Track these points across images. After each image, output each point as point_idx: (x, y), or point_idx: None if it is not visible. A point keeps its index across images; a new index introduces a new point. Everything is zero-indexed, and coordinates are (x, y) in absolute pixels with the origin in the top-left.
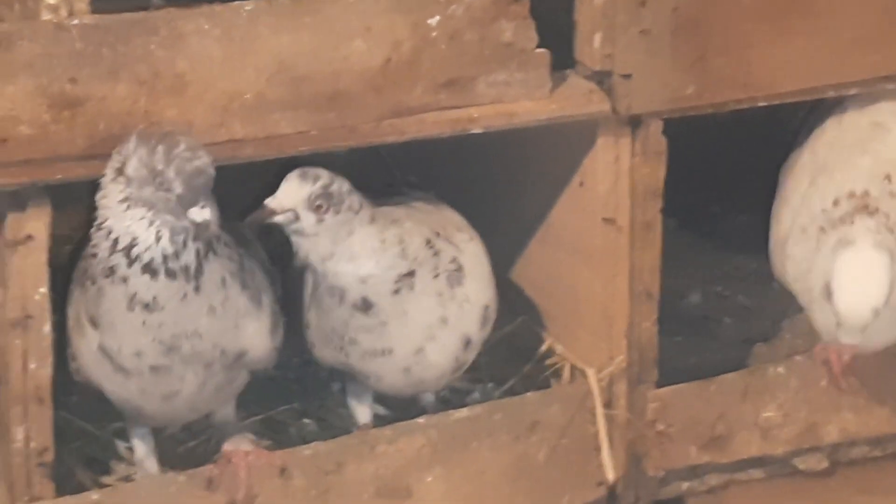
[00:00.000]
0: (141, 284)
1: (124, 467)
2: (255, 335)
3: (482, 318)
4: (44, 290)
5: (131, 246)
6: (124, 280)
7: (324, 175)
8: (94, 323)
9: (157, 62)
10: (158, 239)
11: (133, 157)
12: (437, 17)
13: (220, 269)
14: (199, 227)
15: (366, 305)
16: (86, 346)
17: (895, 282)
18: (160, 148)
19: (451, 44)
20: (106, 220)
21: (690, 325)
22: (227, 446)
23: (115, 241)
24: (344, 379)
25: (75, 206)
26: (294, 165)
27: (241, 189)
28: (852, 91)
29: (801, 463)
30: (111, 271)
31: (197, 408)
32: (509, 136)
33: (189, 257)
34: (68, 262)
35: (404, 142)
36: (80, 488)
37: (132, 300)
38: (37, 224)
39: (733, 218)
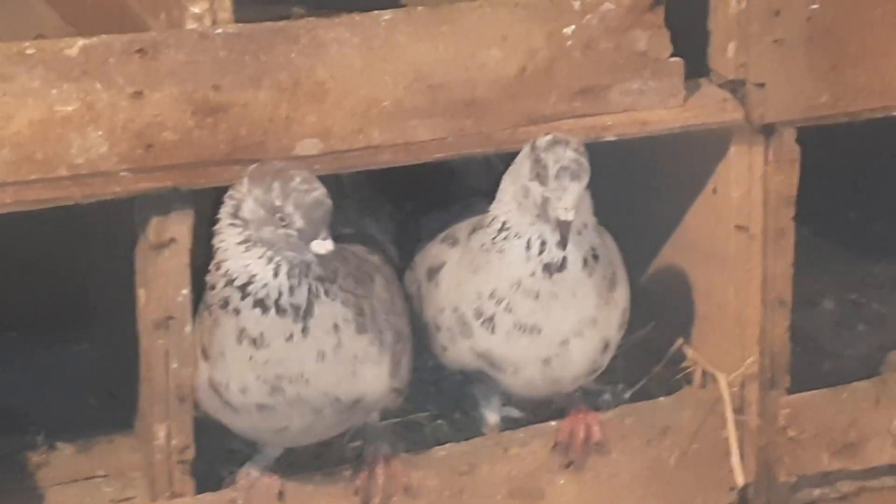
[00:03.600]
0: (251, 318)
1: None
2: (374, 380)
3: (621, 322)
4: (186, 291)
5: (248, 283)
6: (236, 312)
7: (582, 157)
8: (206, 354)
9: (298, 70)
10: (276, 274)
11: (248, 198)
12: (573, 27)
13: (332, 314)
14: (322, 259)
15: (560, 267)
16: (198, 378)
17: None
18: (276, 184)
19: (586, 52)
20: (224, 261)
21: (824, 331)
22: (369, 450)
23: (233, 279)
24: (473, 382)
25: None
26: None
27: None
28: None
29: None
30: (225, 302)
31: (317, 438)
32: (645, 143)
33: (301, 296)
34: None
35: None
36: (220, 485)
37: (241, 333)
38: (180, 228)
39: (869, 225)
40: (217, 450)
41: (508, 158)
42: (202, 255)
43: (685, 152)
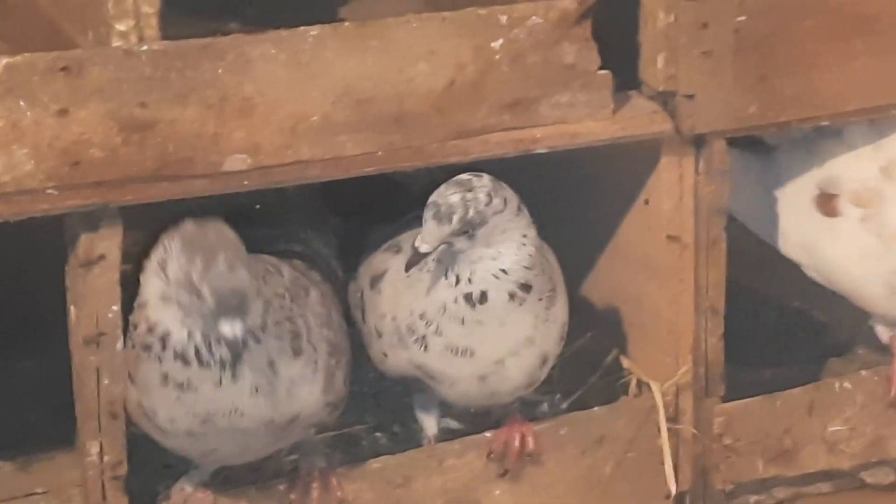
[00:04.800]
0: (174, 368)
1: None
2: (309, 397)
3: (560, 335)
4: (116, 307)
5: (165, 335)
6: (158, 360)
7: (458, 206)
8: (132, 380)
9: (225, 86)
10: (190, 336)
11: (174, 260)
12: (501, 40)
13: (264, 354)
14: (229, 343)
15: (481, 299)
16: (128, 397)
17: None
18: (198, 261)
19: (515, 66)
20: (145, 305)
21: (766, 340)
22: (304, 464)
23: (153, 327)
24: (412, 391)
25: (144, 226)
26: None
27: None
28: None
29: (868, 477)
30: (147, 347)
31: (251, 458)
32: (577, 155)
33: (223, 352)
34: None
35: (470, 162)
36: (155, 500)
37: (165, 378)
38: (109, 244)
39: None
40: (153, 465)
41: (452, 170)
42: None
43: (618, 164)
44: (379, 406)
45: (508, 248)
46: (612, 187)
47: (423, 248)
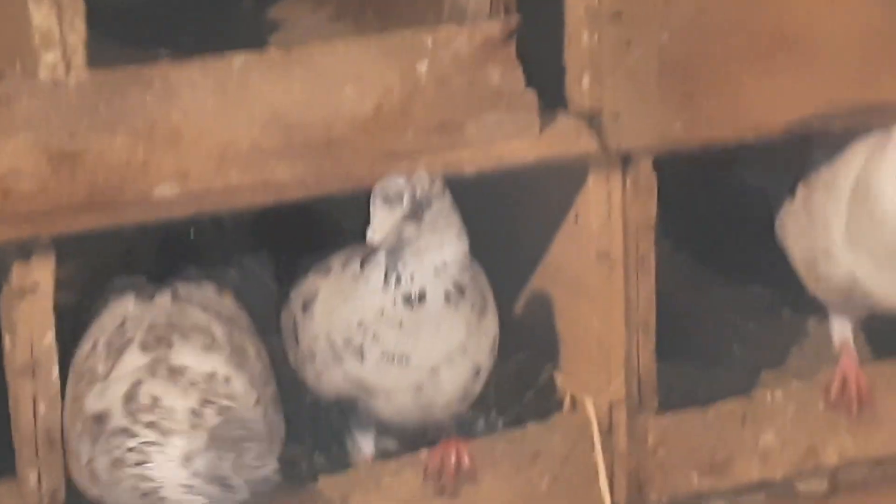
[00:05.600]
0: None
1: None
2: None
3: (492, 348)
4: (50, 336)
5: None
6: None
7: (406, 187)
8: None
9: (153, 114)
10: None
11: (202, 455)
12: (426, 63)
13: None
14: None
15: (419, 298)
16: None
17: None
18: (230, 456)
19: (440, 89)
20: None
21: (701, 354)
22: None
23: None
24: (348, 413)
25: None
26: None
27: None
28: (839, 124)
29: (801, 486)
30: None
31: None
32: (509, 175)
33: None
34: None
35: None
36: None
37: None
38: (42, 273)
39: (747, 249)
40: None
41: None
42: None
43: (547, 183)
44: (316, 428)
45: (451, 237)
46: (543, 206)
47: (376, 238)
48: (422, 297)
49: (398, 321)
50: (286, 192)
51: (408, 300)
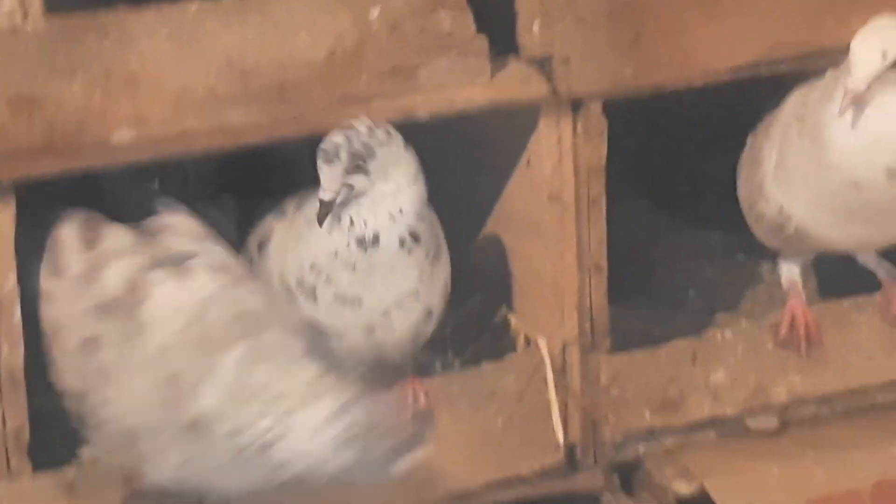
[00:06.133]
0: None
1: None
2: None
3: (444, 294)
4: (13, 278)
5: None
6: None
7: (342, 142)
8: None
9: (110, 61)
10: None
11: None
12: (378, 10)
13: None
14: None
15: (373, 242)
16: None
17: None
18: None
19: (393, 35)
20: None
21: (658, 297)
22: None
23: None
24: None
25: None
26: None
27: None
28: (786, 68)
29: (752, 423)
30: None
31: None
32: (463, 121)
33: None
34: None
35: None
36: (58, 464)
37: None
38: (2, 217)
39: (702, 196)
40: (58, 431)
41: None
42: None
43: (500, 128)
44: None
45: (405, 181)
46: (497, 151)
47: (326, 197)
48: (375, 240)
49: (351, 264)
50: (242, 137)
51: (361, 243)
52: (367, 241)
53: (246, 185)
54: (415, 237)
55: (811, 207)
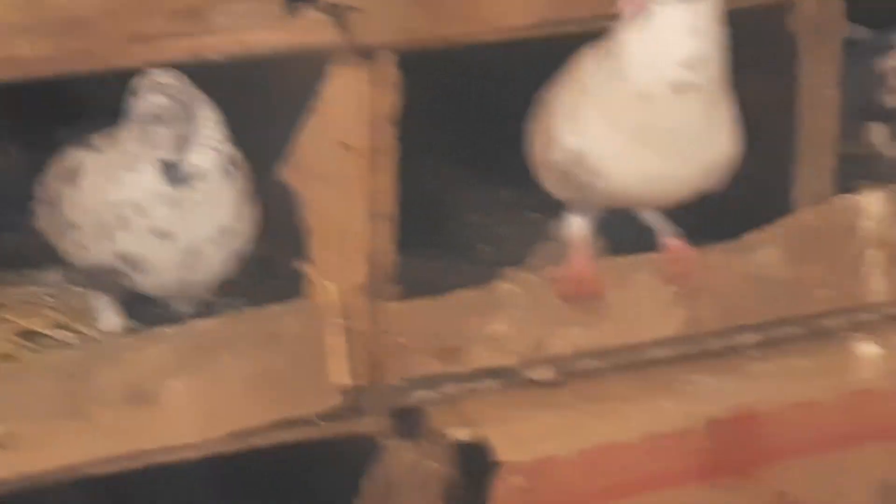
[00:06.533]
0: None
1: None
2: None
3: (253, 234)
4: None
5: None
6: None
7: (163, 100)
8: None
9: None
10: None
11: None
12: None
13: None
14: None
15: (188, 178)
16: None
17: None
18: None
19: None
20: None
21: (447, 249)
22: None
23: None
24: (100, 287)
25: None
26: None
27: None
28: (575, 28)
29: (532, 374)
30: None
31: None
32: (259, 66)
33: None
34: None
35: (146, 68)
36: None
37: None
38: None
39: (497, 152)
40: None
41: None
42: None
43: (294, 74)
44: (65, 306)
45: (213, 116)
46: (291, 98)
47: (169, 157)
48: (190, 177)
49: (166, 200)
50: (31, 69)
51: (176, 179)
52: (181, 177)
53: (35, 111)
54: (227, 174)
55: (603, 132)
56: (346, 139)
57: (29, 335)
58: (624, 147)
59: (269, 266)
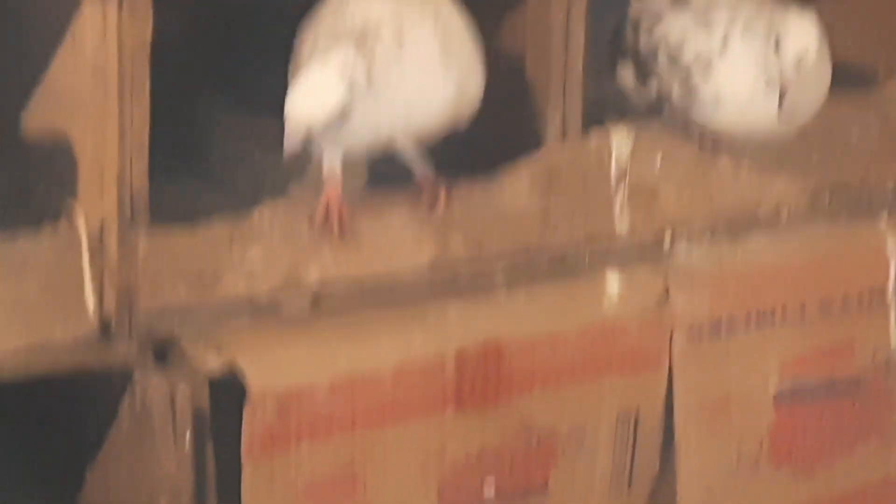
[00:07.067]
0: None
1: None
2: None
3: None
4: None
5: None
6: None
7: None
8: None
9: None
10: None
11: None
12: None
13: None
14: None
15: None
16: None
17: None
18: None
19: None
20: None
21: (205, 179)
22: None
23: None
24: None
25: None
26: None
27: None
28: None
29: (285, 304)
30: None
31: None
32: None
33: None
34: None
35: None
36: None
37: None
38: None
39: (261, 86)
40: None
41: None
42: None
43: (46, 4)
44: None
45: None
46: (43, 26)
47: None
48: None
49: None
50: None
51: None
52: None
53: None
54: None
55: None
56: (99, 68)
57: None
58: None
59: (23, 194)
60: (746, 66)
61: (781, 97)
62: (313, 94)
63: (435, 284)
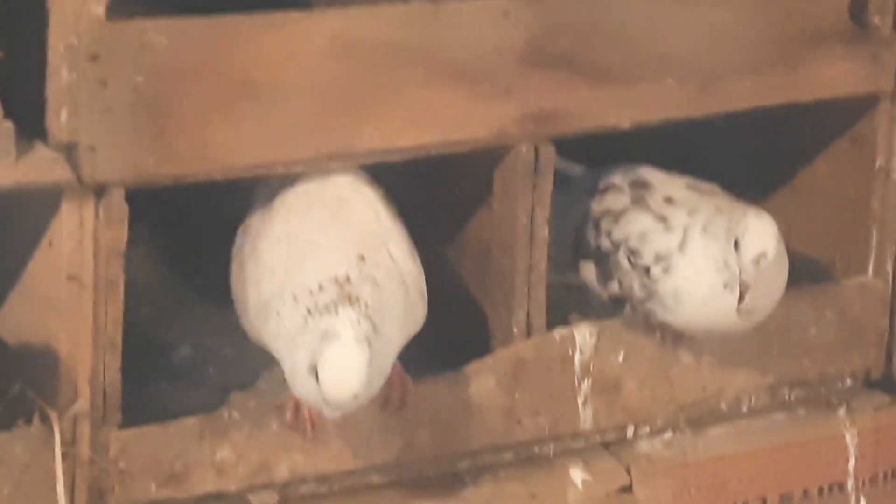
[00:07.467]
0: None
1: None
2: None
3: None
4: None
5: None
6: None
7: None
8: None
9: None
10: None
11: None
12: None
13: None
14: None
15: None
16: None
17: (374, 366)
18: None
19: None
20: None
21: (179, 375)
22: None
23: None
24: None
25: None
26: None
27: None
28: (299, 168)
29: (254, 499)
30: None
31: None
32: None
33: None
34: None
35: None
36: None
37: None
38: None
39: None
40: None
41: None
42: None
43: (26, 209)
44: None
45: None
46: (21, 230)
47: None
48: None
49: None
50: None
51: None
52: None
53: None
54: None
55: None
56: (75, 272)
57: None
58: None
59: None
60: (706, 265)
61: (741, 296)
62: (344, 370)
63: (402, 478)
